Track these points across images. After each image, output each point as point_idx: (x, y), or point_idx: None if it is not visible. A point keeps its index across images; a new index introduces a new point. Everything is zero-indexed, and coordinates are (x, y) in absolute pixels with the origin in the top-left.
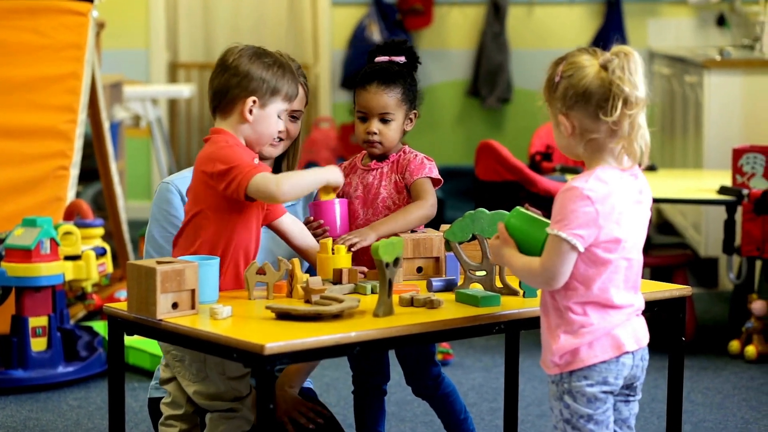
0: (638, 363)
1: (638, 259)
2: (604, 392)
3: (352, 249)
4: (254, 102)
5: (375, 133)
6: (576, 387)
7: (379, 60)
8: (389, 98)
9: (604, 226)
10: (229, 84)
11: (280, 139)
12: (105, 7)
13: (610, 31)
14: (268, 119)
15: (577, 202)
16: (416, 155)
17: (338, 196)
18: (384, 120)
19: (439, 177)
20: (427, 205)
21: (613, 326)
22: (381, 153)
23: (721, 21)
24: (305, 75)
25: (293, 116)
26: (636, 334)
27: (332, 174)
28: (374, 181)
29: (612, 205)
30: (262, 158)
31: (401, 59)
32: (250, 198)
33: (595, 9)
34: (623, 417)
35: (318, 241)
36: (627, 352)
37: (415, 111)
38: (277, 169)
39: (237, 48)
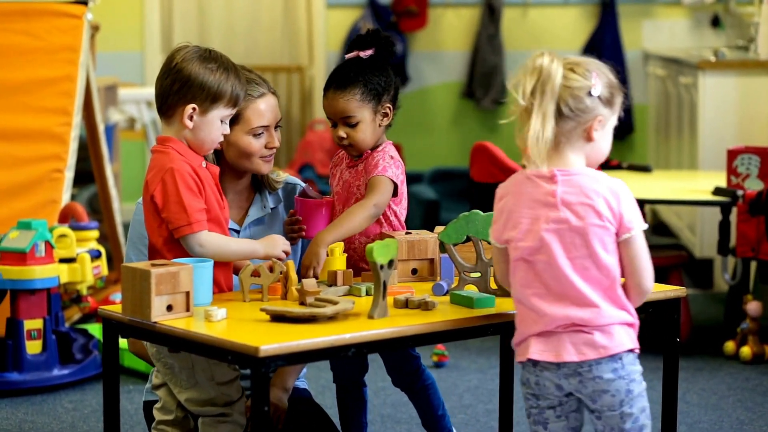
0: (564, 379)
1: (546, 262)
2: (529, 394)
3: (316, 276)
4: (194, 109)
5: (344, 138)
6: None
7: (348, 57)
8: (346, 102)
9: (497, 221)
10: (171, 89)
11: (271, 154)
12: (99, 10)
13: (605, 33)
14: (210, 126)
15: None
16: (383, 155)
17: (324, 193)
18: (348, 124)
19: (395, 180)
20: (370, 204)
21: (531, 332)
22: (357, 153)
23: (715, 22)
24: (267, 80)
25: (276, 126)
26: (557, 348)
27: (263, 250)
28: (351, 179)
29: (506, 203)
30: (258, 173)
31: (368, 53)
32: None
33: (590, 10)
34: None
35: (289, 235)
36: (530, 360)
37: (388, 104)
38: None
39: (183, 50)
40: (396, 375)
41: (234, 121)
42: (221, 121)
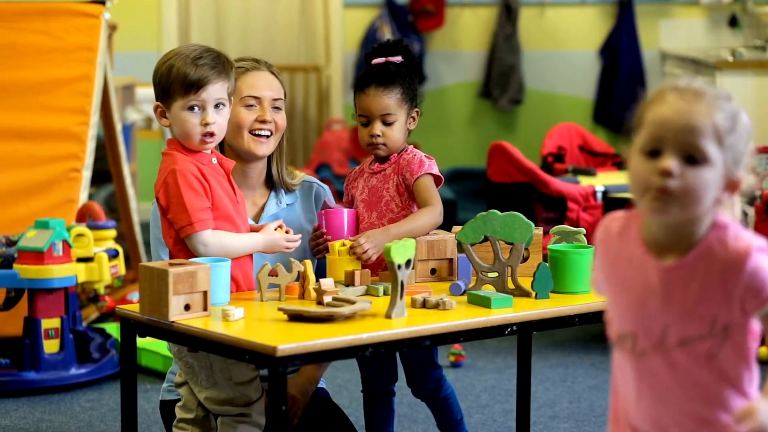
0: None
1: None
2: None
3: (364, 260)
4: (158, 107)
5: (379, 136)
6: None
7: (376, 62)
8: (389, 99)
9: None
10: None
11: (269, 133)
12: (117, 9)
13: (622, 32)
14: (176, 119)
15: None
16: (415, 154)
17: (348, 206)
18: (386, 122)
19: (440, 174)
20: (436, 212)
21: None
22: (386, 154)
23: (733, 22)
24: (268, 63)
25: (275, 107)
26: None
27: (267, 242)
28: (378, 184)
29: None
30: (254, 158)
31: (398, 59)
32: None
33: (607, 10)
34: None
35: (315, 251)
36: None
37: (417, 109)
38: (267, 166)
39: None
40: (417, 387)
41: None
42: (191, 109)
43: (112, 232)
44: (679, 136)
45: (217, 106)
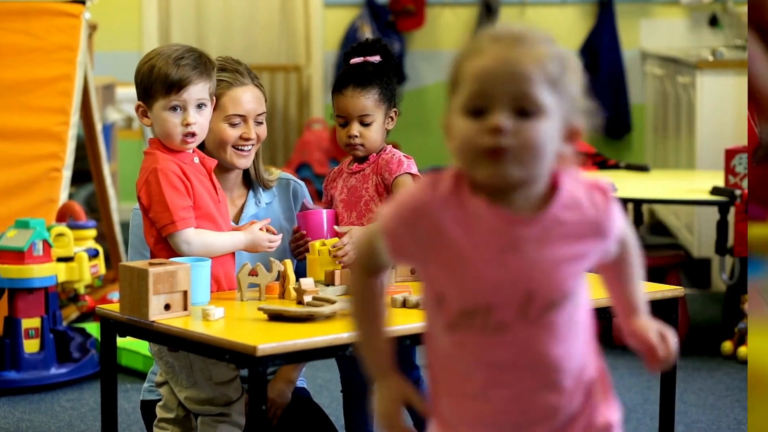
0: None
1: None
2: None
3: (345, 261)
4: (139, 107)
5: (356, 136)
6: None
7: (354, 62)
8: (366, 100)
9: None
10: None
11: (251, 145)
12: (97, 9)
13: (603, 32)
14: (157, 119)
15: None
16: (394, 154)
17: (326, 206)
18: (364, 123)
19: (419, 174)
20: None
21: None
22: (364, 155)
23: (713, 21)
24: (257, 76)
25: (258, 121)
26: None
27: (249, 242)
28: (357, 184)
29: None
30: (235, 169)
31: (376, 59)
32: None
33: (587, 9)
34: None
35: (296, 252)
36: None
37: (395, 109)
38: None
39: None
40: None
41: (214, 108)
42: (172, 109)
43: (93, 232)
44: (507, 88)
45: (198, 106)
